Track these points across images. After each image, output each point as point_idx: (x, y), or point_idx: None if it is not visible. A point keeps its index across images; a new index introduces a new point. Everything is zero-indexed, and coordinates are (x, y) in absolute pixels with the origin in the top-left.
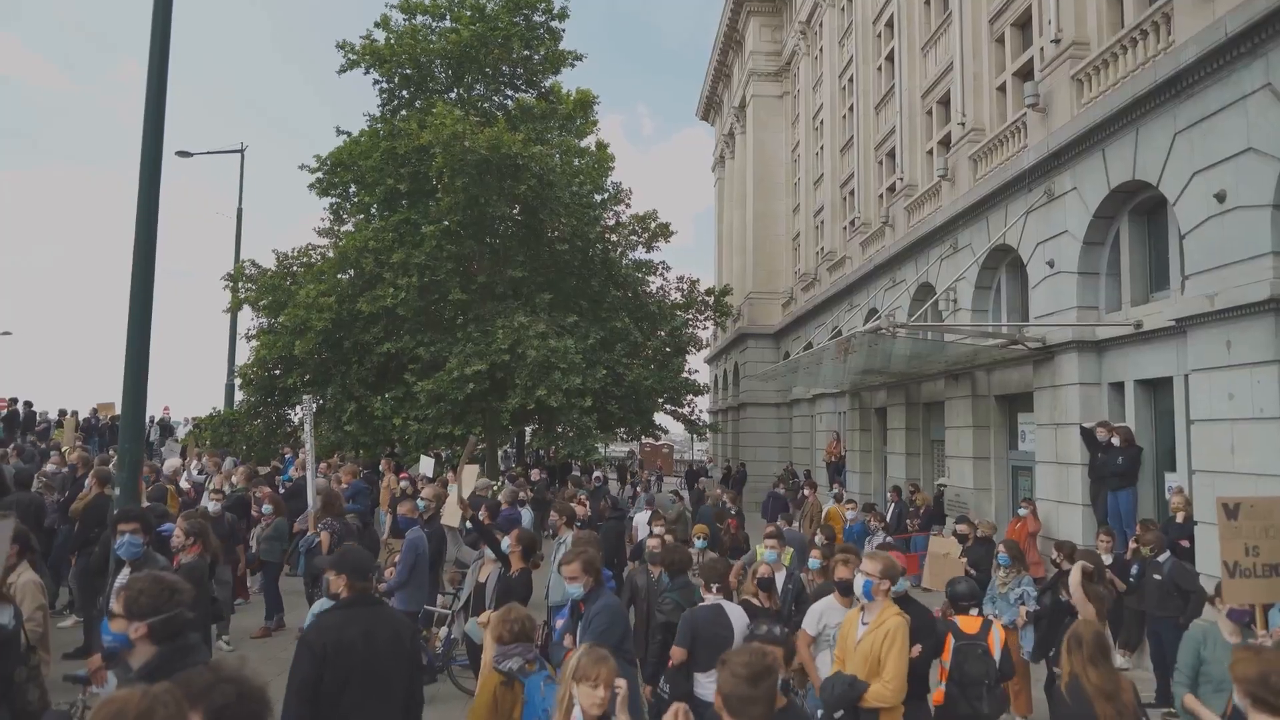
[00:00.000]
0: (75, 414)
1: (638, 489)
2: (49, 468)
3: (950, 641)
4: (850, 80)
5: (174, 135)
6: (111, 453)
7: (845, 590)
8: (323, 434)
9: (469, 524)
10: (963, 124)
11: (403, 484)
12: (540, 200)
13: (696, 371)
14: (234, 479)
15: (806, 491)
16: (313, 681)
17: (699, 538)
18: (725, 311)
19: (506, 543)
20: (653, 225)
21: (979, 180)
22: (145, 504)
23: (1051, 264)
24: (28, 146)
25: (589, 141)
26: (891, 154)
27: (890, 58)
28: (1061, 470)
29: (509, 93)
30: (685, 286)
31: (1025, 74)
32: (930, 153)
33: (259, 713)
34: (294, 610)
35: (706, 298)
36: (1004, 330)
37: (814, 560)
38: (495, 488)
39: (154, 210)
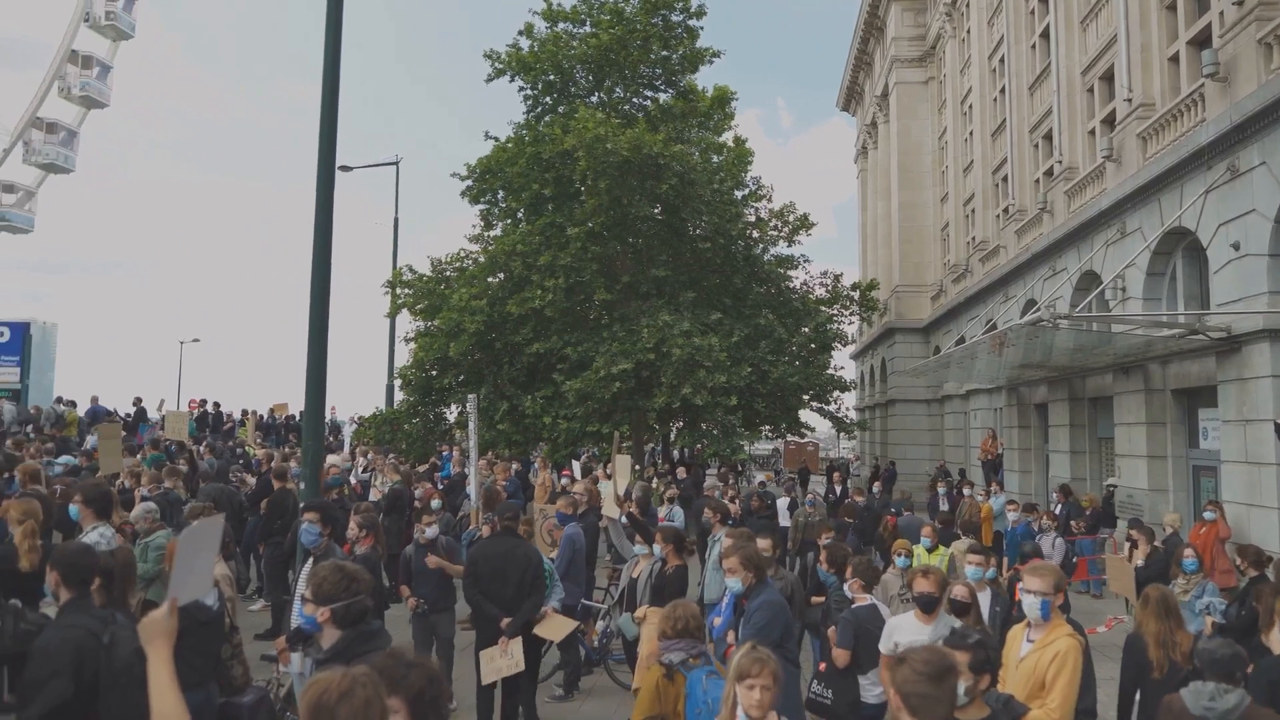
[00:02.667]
0: (256, 413)
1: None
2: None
3: None
4: (1001, 61)
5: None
6: (288, 449)
7: (927, 606)
8: (477, 432)
9: (624, 518)
10: (1129, 100)
11: (563, 481)
12: (682, 199)
13: (842, 368)
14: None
15: (966, 491)
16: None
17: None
18: (872, 306)
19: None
20: (793, 219)
21: (1149, 159)
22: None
23: (1237, 246)
24: (210, 166)
25: (727, 137)
26: (1048, 136)
27: (1045, 34)
28: (1253, 470)
29: (648, 93)
30: (829, 281)
31: (1201, 41)
32: (1092, 133)
33: (442, 696)
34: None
35: (852, 292)
36: (1182, 319)
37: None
38: (657, 488)
39: (328, 224)
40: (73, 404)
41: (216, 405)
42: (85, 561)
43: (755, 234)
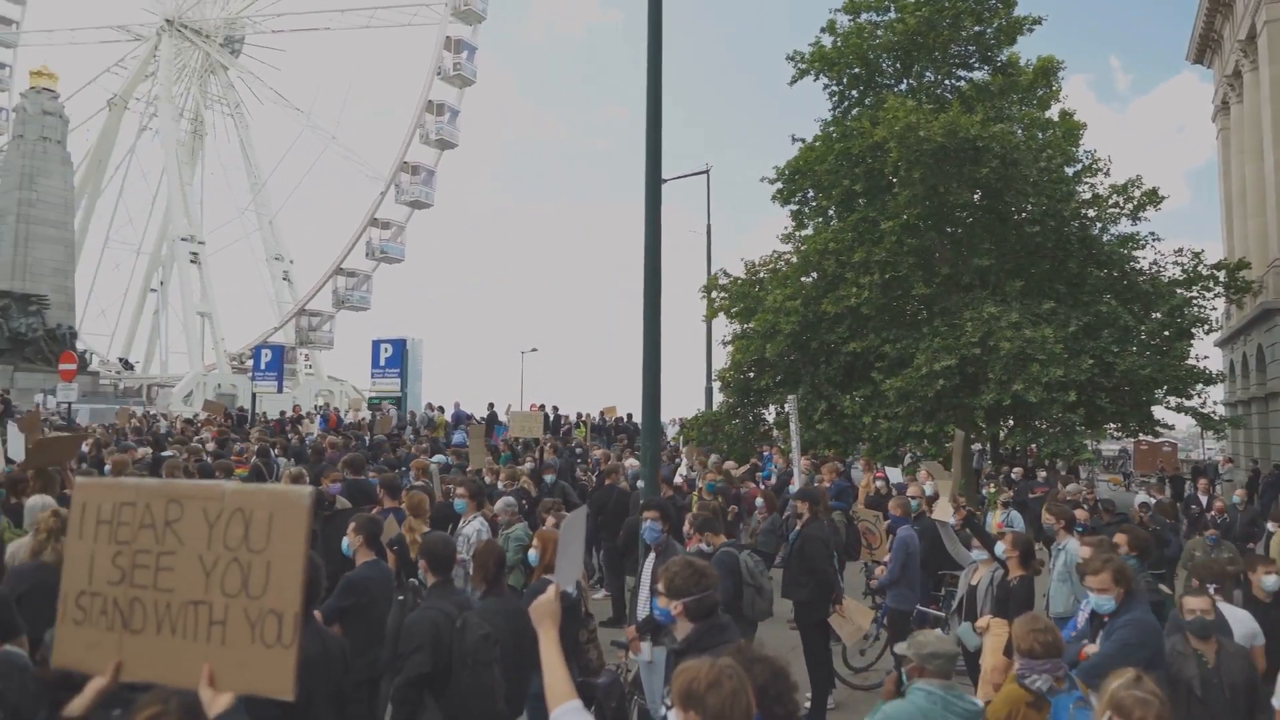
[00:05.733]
0: (589, 416)
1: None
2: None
3: None
4: None
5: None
6: (623, 448)
7: None
8: (791, 432)
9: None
10: None
11: (878, 483)
12: (1004, 182)
13: (1206, 357)
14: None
15: None
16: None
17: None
18: (1243, 287)
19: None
20: (1137, 193)
21: None
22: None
23: None
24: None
25: (1053, 111)
26: None
27: None
28: None
29: (961, 74)
30: (1185, 260)
31: None
32: None
33: (789, 690)
34: (780, 603)
35: (1215, 272)
36: None
37: None
38: (991, 491)
39: (657, 237)
40: (440, 409)
41: (555, 409)
42: (445, 552)
43: (1091, 213)
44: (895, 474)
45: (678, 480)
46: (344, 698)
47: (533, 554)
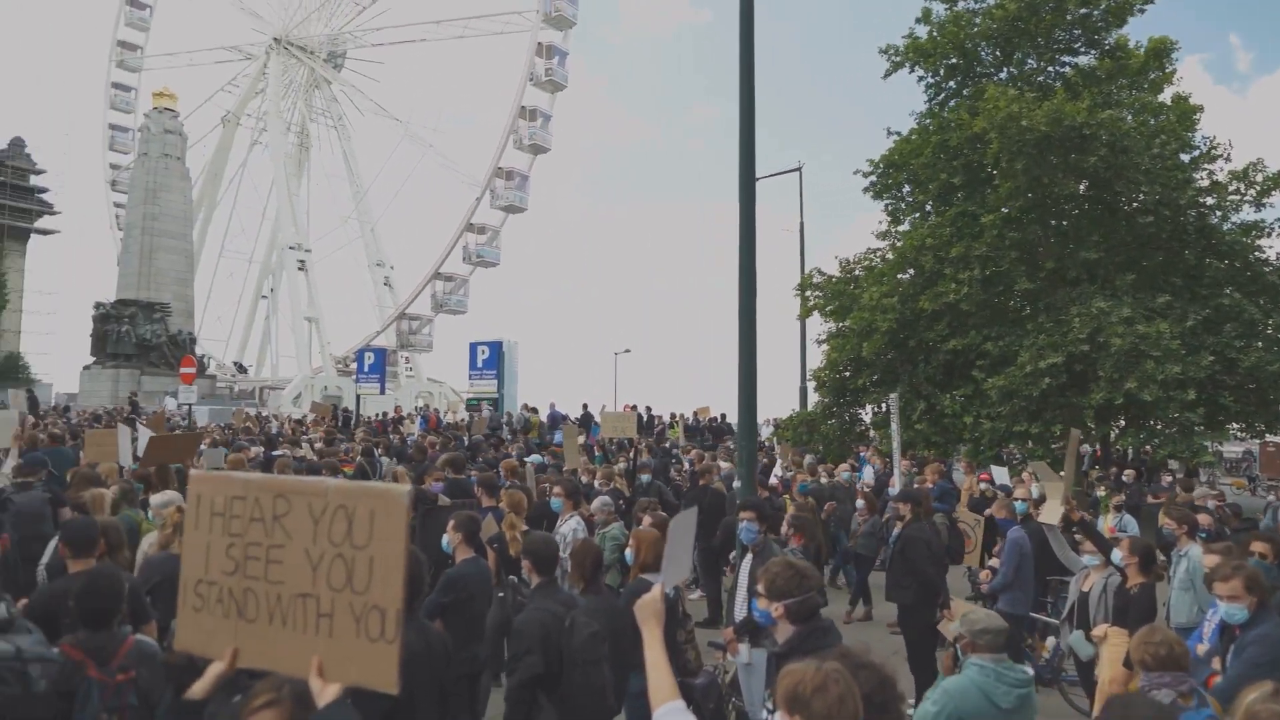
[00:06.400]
0: (683, 416)
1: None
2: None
3: None
4: None
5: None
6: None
7: None
8: (892, 432)
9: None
10: None
11: (982, 485)
12: (1114, 170)
13: None
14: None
15: None
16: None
17: None
18: None
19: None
20: (1260, 178)
21: None
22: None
23: None
24: (634, 192)
25: (1167, 95)
26: None
27: None
28: None
29: (1066, 59)
30: None
31: None
32: None
33: (894, 700)
34: (879, 606)
35: None
36: None
37: None
38: (1103, 494)
39: (751, 237)
40: (534, 409)
41: (649, 409)
42: (550, 551)
43: (1210, 201)
44: (1002, 474)
45: (773, 481)
46: (445, 692)
47: (629, 553)
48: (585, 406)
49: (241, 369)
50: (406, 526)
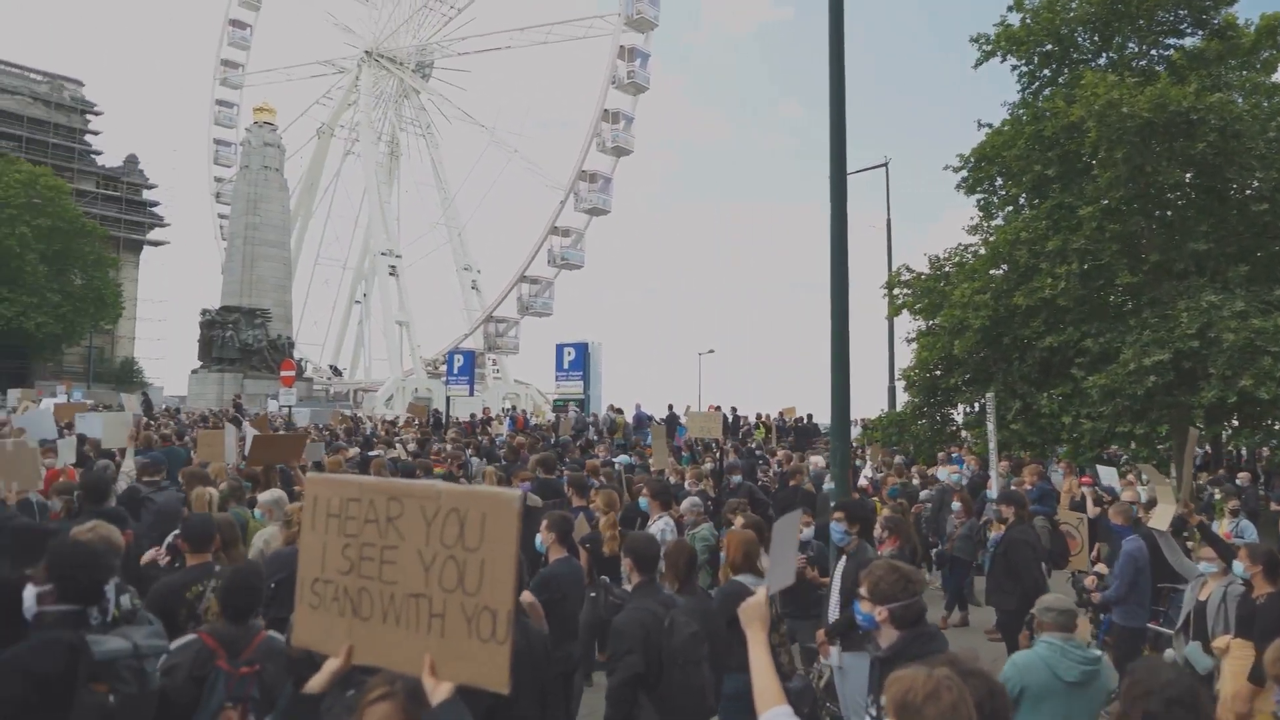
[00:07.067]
0: (768, 417)
1: None
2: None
3: None
4: None
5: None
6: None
7: None
8: (987, 433)
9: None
10: None
11: (1082, 489)
12: (1224, 156)
13: None
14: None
15: None
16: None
17: None
18: None
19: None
20: None
21: None
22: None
23: None
24: (717, 192)
25: None
26: None
27: None
28: None
29: (1170, 41)
30: None
31: None
32: None
33: (1005, 710)
34: (976, 611)
35: None
36: None
37: None
38: (1217, 497)
39: (843, 231)
40: (620, 410)
41: (734, 410)
42: (652, 551)
43: None
44: (1110, 476)
45: (862, 482)
46: (544, 690)
47: (723, 554)
48: (670, 407)
49: (337, 372)
50: (518, 530)
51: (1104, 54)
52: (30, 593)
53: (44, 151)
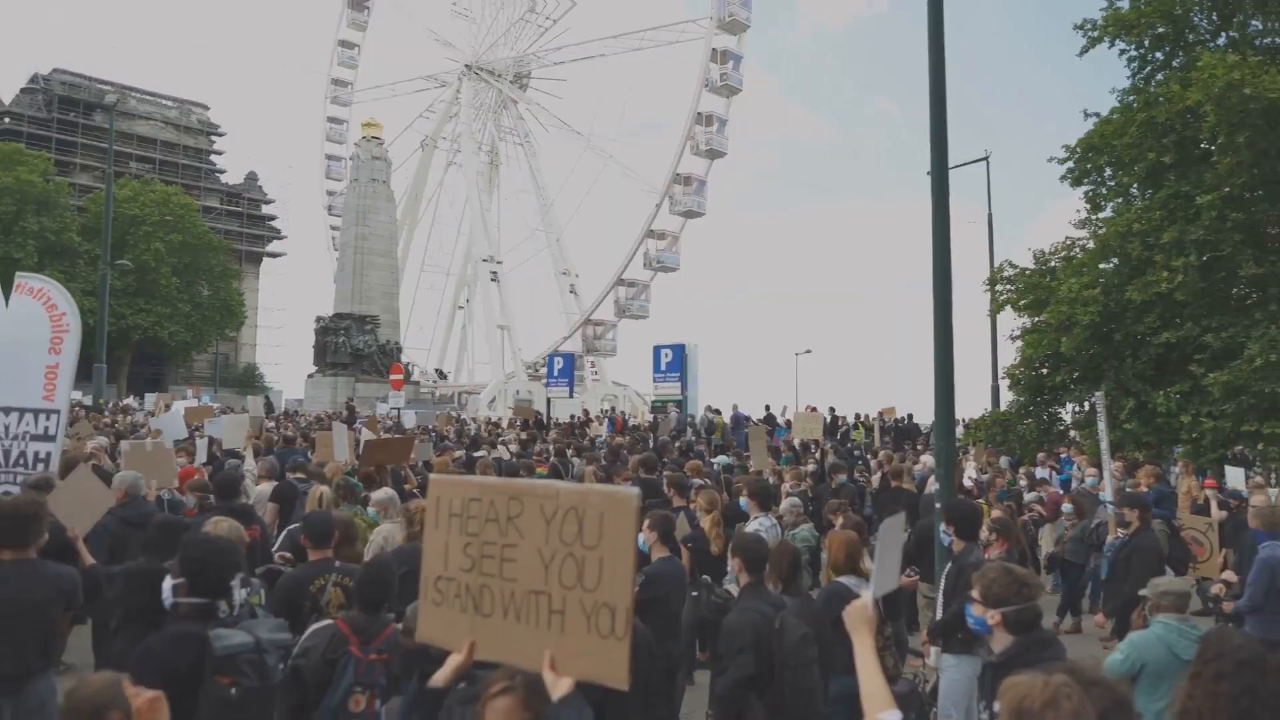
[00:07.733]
0: (868, 417)
1: None
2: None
3: None
4: None
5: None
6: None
7: None
8: (1099, 432)
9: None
10: None
11: (1206, 492)
12: None
13: None
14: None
15: None
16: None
17: None
18: None
19: None
20: None
21: None
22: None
23: None
24: (813, 190)
25: None
26: None
27: None
28: None
29: None
30: None
31: None
32: None
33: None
34: (1088, 620)
35: None
36: None
37: None
38: None
39: (946, 227)
40: (718, 411)
41: (831, 410)
42: (761, 551)
43: None
44: (1237, 477)
45: (966, 483)
46: (650, 687)
47: (824, 555)
48: (768, 408)
49: (442, 375)
50: (636, 528)
51: (1223, 33)
52: (168, 584)
53: (175, 172)
